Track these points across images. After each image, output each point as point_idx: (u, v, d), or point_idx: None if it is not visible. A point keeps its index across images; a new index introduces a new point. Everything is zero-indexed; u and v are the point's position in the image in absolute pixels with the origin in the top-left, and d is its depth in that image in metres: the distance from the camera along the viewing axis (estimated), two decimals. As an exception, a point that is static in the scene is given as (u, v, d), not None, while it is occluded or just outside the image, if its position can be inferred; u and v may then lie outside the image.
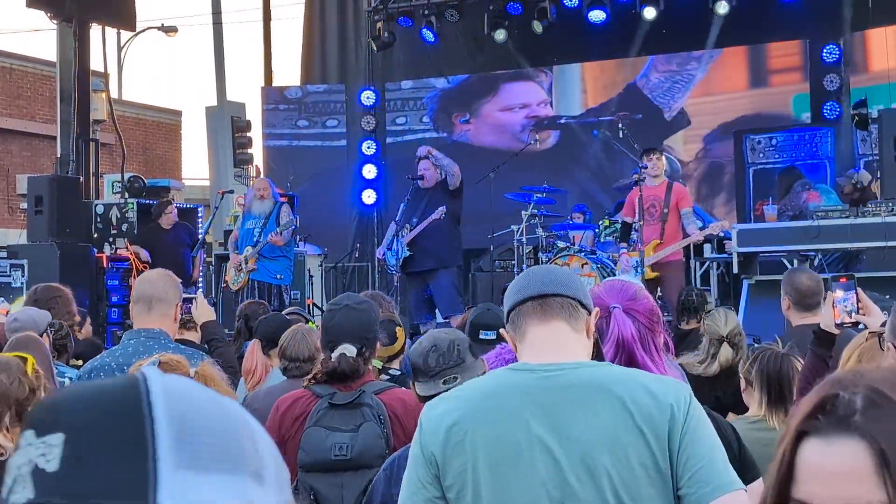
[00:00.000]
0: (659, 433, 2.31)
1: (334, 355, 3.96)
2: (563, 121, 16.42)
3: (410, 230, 11.29)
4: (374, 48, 15.66)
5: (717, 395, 4.69)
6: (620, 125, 14.61)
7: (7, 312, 7.09)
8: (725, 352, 4.91)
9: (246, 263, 11.40)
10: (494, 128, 16.56)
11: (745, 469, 2.82)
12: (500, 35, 14.77)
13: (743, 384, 4.22)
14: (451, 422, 2.41)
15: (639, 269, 10.23)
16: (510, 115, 16.59)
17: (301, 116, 17.31)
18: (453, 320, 10.16)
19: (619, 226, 11.79)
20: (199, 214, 14.09)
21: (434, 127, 16.76)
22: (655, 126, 15.41)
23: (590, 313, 2.55)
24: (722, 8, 13.53)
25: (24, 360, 3.29)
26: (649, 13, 13.76)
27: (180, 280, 4.76)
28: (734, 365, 4.70)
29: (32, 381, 3.25)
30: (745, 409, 4.24)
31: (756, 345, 4.79)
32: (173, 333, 4.45)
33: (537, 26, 14.22)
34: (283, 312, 6.89)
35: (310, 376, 4.10)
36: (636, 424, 2.32)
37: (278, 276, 11.50)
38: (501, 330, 2.66)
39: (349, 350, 3.96)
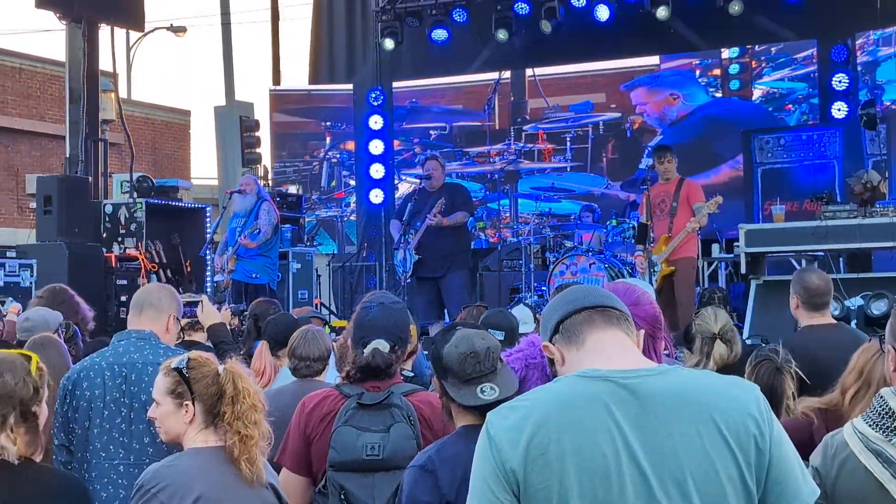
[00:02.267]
0: (744, 445, 2.26)
1: (367, 350, 3.94)
2: (583, 121, 16.48)
3: (416, 234, 11.29)
4: (385, 47, 15.57)
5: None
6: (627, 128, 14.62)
7: (19, 311, 7.13)
8: (719, 349, 4.91)
9: (227, 264, 11.51)
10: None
11: None
12: (502, 35, 14.74)
13: None
14: (530, 433, 2.26)
15: (655, 268, 10.24)
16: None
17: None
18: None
19: (626, 225, 11.80)
20: (208, 214, 14.11)
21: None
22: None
23: (637, 333, 2.51)
24: (736, 7, 13.50)
25: (29, 358, 3.30)
26: (662, 13, 13.72)
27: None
28: (729, 363, 4.70)
29: (36, 380, 3.26)
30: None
31: (763, 344, 4.79)
32: (164, 340, 4.48)
33: (545, 26, 14.18)
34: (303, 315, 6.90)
35: (343, 374, 4.09)
36: (722, 436, 2.25)
37: (254, 276, 11.55)
38: (545, 343, 2.52)
39: (382, 345, 3.94)
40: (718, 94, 16.05)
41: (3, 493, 3.12)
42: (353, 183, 17.72)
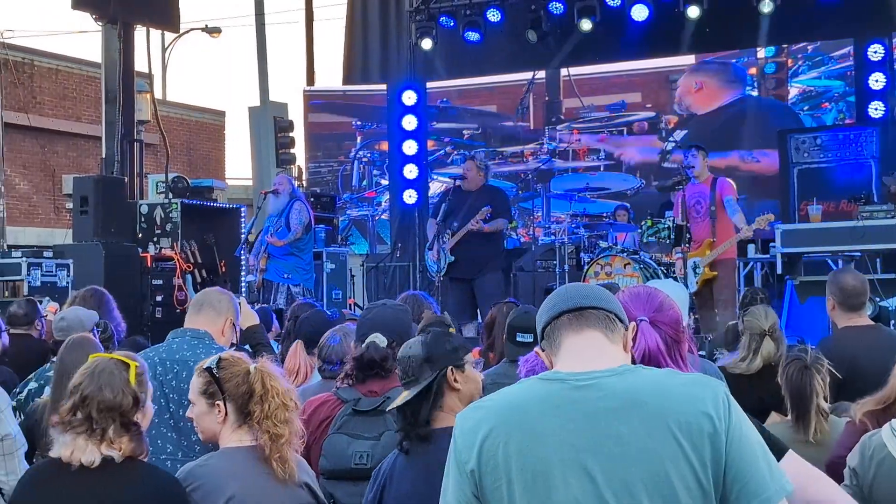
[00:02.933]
0: (698, 446, 2.22)
1: (364, 344, 4.03)
2: (619, 121, 16.44)
3: (453, 234, 11.22)
4: (422, 47, 15.47)
5: (761, 395, 4.62)
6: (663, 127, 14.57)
7: (56, 311, 7.19)
8: (768, 346, 4.90)
9: (259, 263, 11.59)
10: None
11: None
12: (532, 35, 14.67)
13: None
14: (484, 435, 2.31)
15: (697, 270, 10.18)
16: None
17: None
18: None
19: (661, 225, 11.72)
20: (243, 214, 14.15)
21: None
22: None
23: (626, 328, 2.48)
24: (766, 6, 13.40)
25: (127, 365, 3.32)
26: (693, 12, 13.64)
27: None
28: (777, 360, 4.68)
29: (135, 389, 3.28)
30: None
31: (799, 344, 4.76)
32: (219, 342, 4.51)
33: (585, 24, 14.08)
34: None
35: (341, 374, 4.13)
36: (674, 437, 2.22)
37: (286, 276, 11.59)
38: (536, 349, 2.57)
39: (379, 339, 4.01)
40: (755, 93, 15.96)
41: (106, 490, 3.17)
42: (384, 182, 17.75)
